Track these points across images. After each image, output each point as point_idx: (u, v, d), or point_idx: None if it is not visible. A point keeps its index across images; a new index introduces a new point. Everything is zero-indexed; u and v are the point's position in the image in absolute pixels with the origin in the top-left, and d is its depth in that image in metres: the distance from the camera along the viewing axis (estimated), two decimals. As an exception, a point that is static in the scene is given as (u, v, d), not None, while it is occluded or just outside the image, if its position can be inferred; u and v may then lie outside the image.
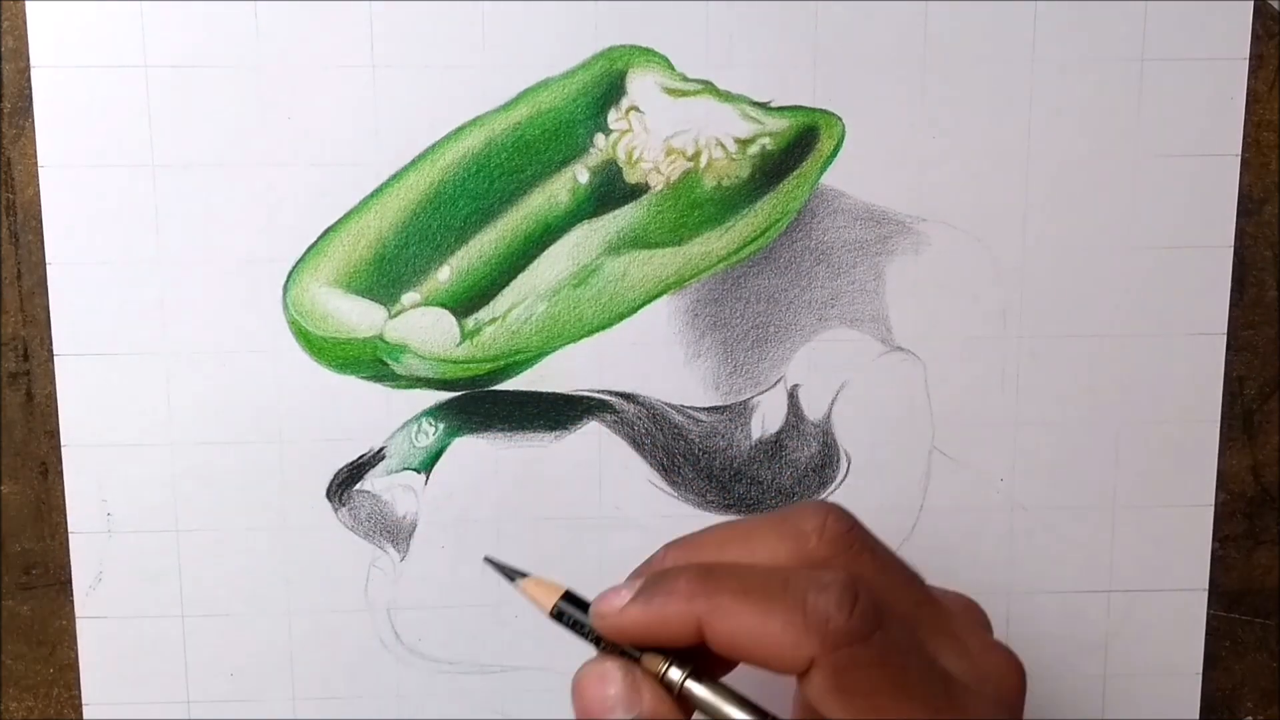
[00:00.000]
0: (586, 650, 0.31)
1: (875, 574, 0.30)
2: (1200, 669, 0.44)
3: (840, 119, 0.40)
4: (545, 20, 0.39)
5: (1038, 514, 0.43)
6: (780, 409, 0.42)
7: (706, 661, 0.30)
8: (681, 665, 0.30)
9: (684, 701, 0.30)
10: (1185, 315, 0.42)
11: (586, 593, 0.37)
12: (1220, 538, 0.43)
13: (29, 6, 0.38)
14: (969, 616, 0.32)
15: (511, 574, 0.33)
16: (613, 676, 0.30)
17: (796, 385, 0.41)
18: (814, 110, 0.40)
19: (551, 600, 0.33)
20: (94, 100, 0.38)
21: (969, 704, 0.29)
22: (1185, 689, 0.44)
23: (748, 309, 0.41)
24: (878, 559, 0.30)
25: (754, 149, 0.40)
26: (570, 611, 0.32)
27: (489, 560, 0.35)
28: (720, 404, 0.41)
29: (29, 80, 0.38)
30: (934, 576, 0.42)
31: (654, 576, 0.30)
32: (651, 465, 0.42)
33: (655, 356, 0.41)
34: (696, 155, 0.40)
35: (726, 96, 0.40)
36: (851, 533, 0.30)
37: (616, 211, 0.40)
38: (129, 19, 0.38)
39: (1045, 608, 0.43)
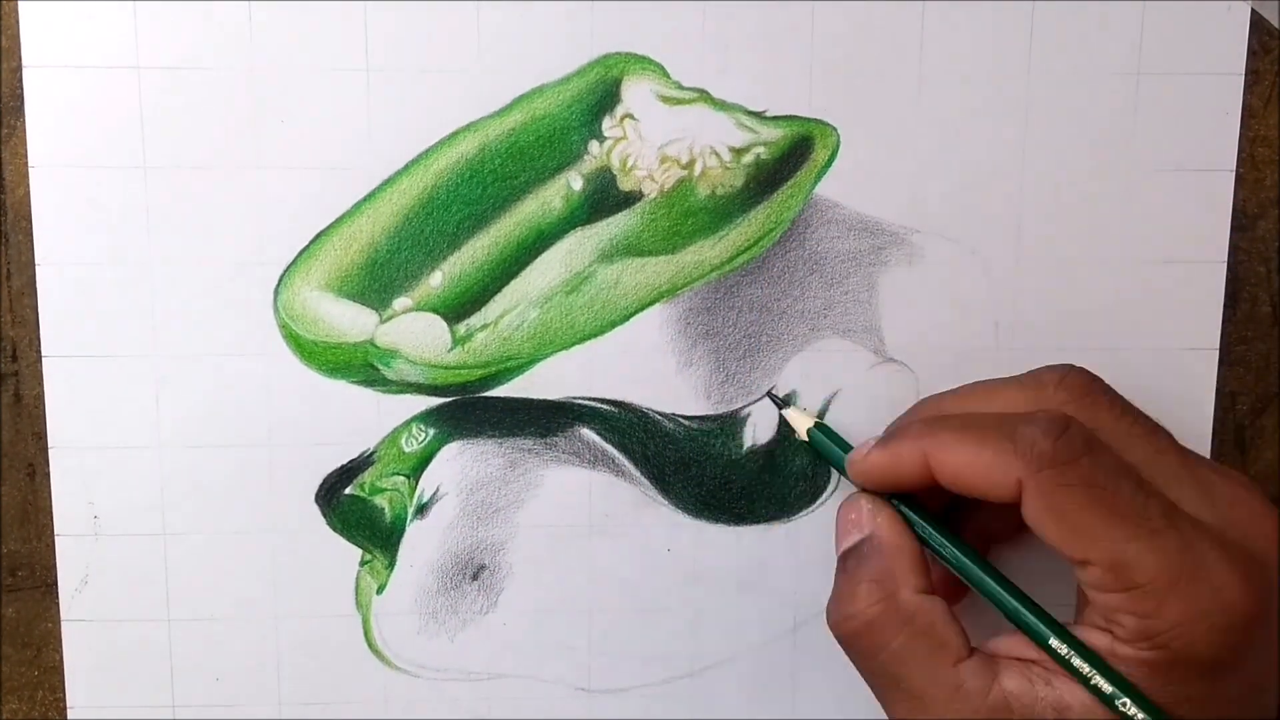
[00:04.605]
0: (578, 657, 0.33)
1: (1109, 421, 0.33)
2: (1189, 684, 0.44)
3: (835, 129, 0.40)
4: (541, 26, 0.39)
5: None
6: (772, 419, 0.41)
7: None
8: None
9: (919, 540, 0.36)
10: (1178, 330, 0.42)
11: (578, 605, 0.37)
12: (1211, 553, 0.43)
13: (21, 6, 0.38)
14: (1232, 478, 0.34)
15: (779, 402, 0.41)
16: (855, 504, 0.37)
17: (789, 395, 0.41)
18: (809, 120, 0.40)
19: (805, 426, 0.40)
20: (86, 101, 0.38)
21: (1198, 537, 0.31)
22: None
23: (740, 318, 0.41)
24: (1114, 409, 0.34)
25: (748, 158, 0.40)
26: (819, 437, 0.40)
27: (770, 395, 0.41)
28: (711, 413, 0.41)
29: (20, 80, 0.38)
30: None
31: (893, 427, 0.36)
32: (642, 473, 0.41)
33: (647, 365, 0.41)
34: (691, 163, 0.40)
35: (721, 105, 0.39)
36: (1091, 385, 0.34)
37: (610, 219, 0.40)
38: (122, 19, 0.38)
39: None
